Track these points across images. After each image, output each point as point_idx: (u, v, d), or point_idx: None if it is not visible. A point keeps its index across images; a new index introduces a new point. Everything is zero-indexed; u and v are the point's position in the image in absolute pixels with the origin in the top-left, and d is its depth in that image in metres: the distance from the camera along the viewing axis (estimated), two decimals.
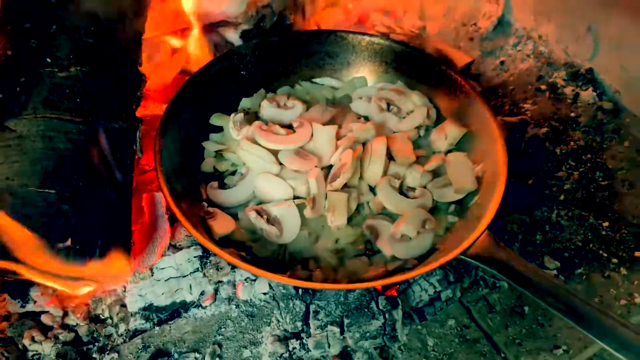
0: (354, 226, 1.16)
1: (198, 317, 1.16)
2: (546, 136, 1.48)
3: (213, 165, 1.27)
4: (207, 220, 1.13)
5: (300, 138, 1.22)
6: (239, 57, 1.37)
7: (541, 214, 1.33)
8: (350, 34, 1.41)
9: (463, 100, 1.30)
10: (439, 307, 1.15)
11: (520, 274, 0.98)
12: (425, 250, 1.11)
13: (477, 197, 1.17)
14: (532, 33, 1.74)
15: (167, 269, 1.16)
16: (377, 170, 1.19)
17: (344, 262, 1.12)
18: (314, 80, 1.45)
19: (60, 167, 0.99)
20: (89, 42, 1.09)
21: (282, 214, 1.13)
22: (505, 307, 1.19)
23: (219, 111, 1.34)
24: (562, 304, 0.95)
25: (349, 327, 1.07)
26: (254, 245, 1.13)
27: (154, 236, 1.16)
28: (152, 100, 1.49)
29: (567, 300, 0.95)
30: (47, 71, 1.04)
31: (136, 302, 1.15)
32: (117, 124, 1.08)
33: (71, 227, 0.97)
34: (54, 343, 1.11)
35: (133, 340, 1.13)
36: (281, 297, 1.14)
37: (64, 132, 1.01)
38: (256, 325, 1.14)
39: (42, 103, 1.01)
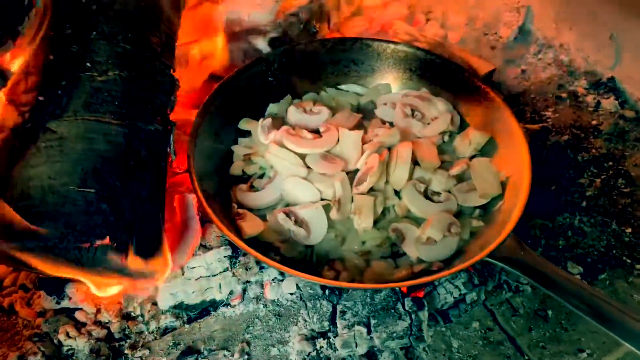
0: (380, 229, 1.19)
1: (227, 316, 1.19)
2: (567, 144, 1.50)
3: (242, 169, 1.30)
4: (237, 221, 1.16)
5: (327, 142, 1.25)
6: (267, 64, 1.40)
7: (563, 220, 1.35)
8: (375, 41, 1.45)
9: (487, 106, 1.32)
10: (464, 309, 1.17)
11: (546, 275, 1.00)
12: (450, 254, 1.13)
13: (502, 202, 1.19)
14: (553, 42, 1.76)
15: (197, 269, 1.19)
16: (402, 175, 1.21)
17: (370, 264, 1.14)
18: (339, 87, 1.48)
19: (100, 168, 1.02)
20: (126, 47, 1.12)
21: (309, 216, 1.16)
22: (528, 311, 1.20)
23: (247, 116, 1.38)
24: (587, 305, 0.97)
25: (376, 327, 1.09)
26: (282, 246, 1.16)
27: (185, 236, 1.20)
28: (181, 105, 1.52)
29: (592, 302, 0.97)
30: (87, 75, 1.08)
31: (167, 300, 1.18)
32: (152, 127, 1.12)
33: (110, 225, 1.00)
34: (88, 339, 1.14)
35: (164, 337, 1.16)
36: (308, 297, 1.17)
37: (103, 134, 1.05)
38: (284, 325, 1.17)
39: (82, 106, 1.05)
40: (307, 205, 1.18)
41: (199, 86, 1.53)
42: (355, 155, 1.24)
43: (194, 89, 1.53)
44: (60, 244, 0.97)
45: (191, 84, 1.53)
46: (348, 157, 1.25)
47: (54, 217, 0.98)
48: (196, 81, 1.53)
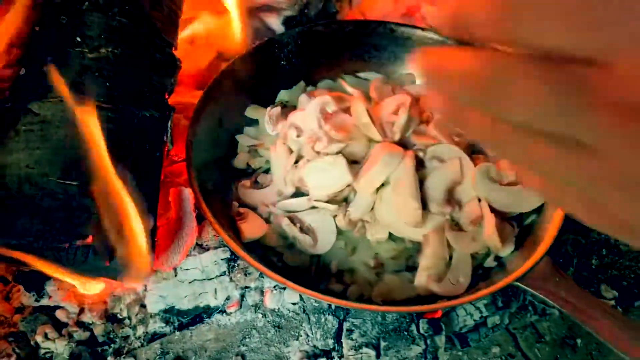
0: (396, 240, 1.06)
1: (222, 324, 1.08)
2: None
3: (246, 162, 1.18)
4: (237, 221, 1.05)
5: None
6: (279, 46, 1.27)
7: (597, 236, 1.22)
8: (400, 26, 1.31)
9: None
10: (484, 333, 1.05)
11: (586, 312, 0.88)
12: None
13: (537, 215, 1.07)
14: None
15: (191, 271, 1.08)
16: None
17: (382, 278, 1.02)
18: (357, 75, 1.34)
19: (85, 158, 0.91)
20: (122, 21, 1.00)
21: (316, 222, 1.04)
22: (555, 338, 1.08)
23: (255, 103, 1.25)
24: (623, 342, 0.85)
25: (386, 351, 0.98)
26: (285, 253, 1.05)
27: (179, 234, 1.09)
28: (184, 86, 1.40)
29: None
30: (77, 51, 0.96)
31: (157, 304, 1.07)
32: (147, 112, 1.00)
33: (93, 223, 0.89)
34: (68, 342, 1.04)
35: (151, 344, 1.05)
36: (312, 310, 1.05)
37: None
38: (283, 338, 1.06)
39: (70, 86, 0.93)
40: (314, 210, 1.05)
41: (205, 66, 1.40)
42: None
43: (199, 69, 1.40)
44: (36, 243, 0.86)
45: (196, 63, 1.41)
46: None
47: (31, 211, 0.87)
48: (202, 61, 1.40)
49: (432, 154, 1.08)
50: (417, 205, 1.00)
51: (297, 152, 1.10)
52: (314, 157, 1.05)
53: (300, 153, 1.08)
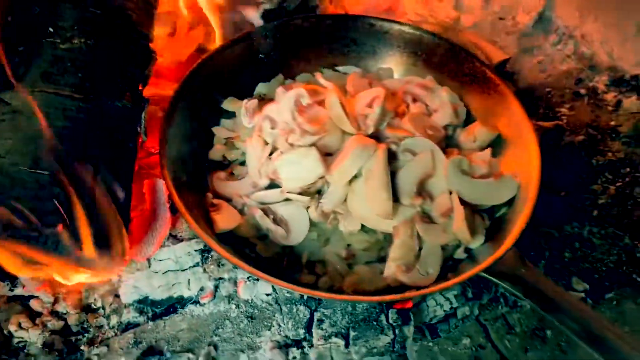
0: (369, 231, 1.07)
1: (195, 315, 1.08)
2: (582, 145, 1.37)
3: (222, 153, 1.18)
4: (211, 212, 1.05)
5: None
6: (257, 39, 1.28)
7: (571, 230, 1.23)
8: (379, 20, 1.31)
9: (497, 100, 1.20)
10: (454, 324, 1.06)
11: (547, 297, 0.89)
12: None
13: (508, 209, 1.08)
14: (575, 32, 1.62)
15: (165, 261, 1.09)
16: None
17: (353, 269, 1.03)
18: (336, 69, 1.35)
19: (55, 147, 0.91)
20: (96, 12, 1.01)
21: (289, 214, 1.05)
22: (525, 329, 1.09)
23: (233, 95, 1.26)
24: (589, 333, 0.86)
25: (355, 341, 0.99)
26: (258, 244, 1.05)
27: (153, 225, 1.09)
28: (164, 79, 1.41)
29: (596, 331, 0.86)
30: (49, 42, 0.97)
31: (131, 294, 1.08)
32: (120, 103, 1.01)
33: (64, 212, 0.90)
34: (42, 331, 1.05)
35: (125, 334, 1.06)
36: (284, 301, 1.06)
37: (62, 109, 0.94)
38: (256, 328, 1.06)
39: (41, 76, 0.94)
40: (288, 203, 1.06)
41: (185, 59, 1.40)
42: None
43: (179, 62, 1.41)
44: (6, 231, 0.86)
45: (176, 56, 1.41)
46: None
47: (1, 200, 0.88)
48: (182, 53, 1.41)
49: (405, 146, 1.09)
50: (388, 197, 1.00)
51: (272, 144, 1.10)
52: (288, 149, 1.06)
53: (275, 145, 1.09)
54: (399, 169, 1.07)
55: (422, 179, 1.07)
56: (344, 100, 1.10)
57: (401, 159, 1.09)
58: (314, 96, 1.12)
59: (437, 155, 1.08)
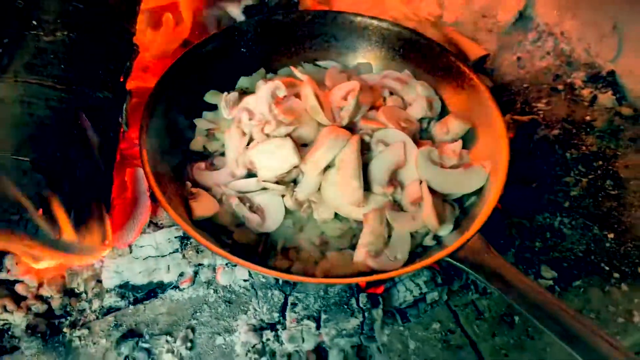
0: (342, 220, 1.11)
1: (174, 299, 1.12)
2: (557, 139, 1.41)
3: (203, 145, 1.22)
4: (189, 200, 1.09)
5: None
6: (239, 34, 1.31)
7: (543, 220, 1.27)
8: (358, 16, 1.35)
9: (470, 94, 1.23)
10: (423, 309, 1.10)
11: (507, 281, 0.93)
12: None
13: (476, 198, 1.11)
14: (554, 29, 1.65)
15: (146, 247, 1.13)
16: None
17: (325, 255, 1.07)
18: (317, 63, 1.39)
19: (38, 135, 0.95)
20: (79, 7, 1.04)
21: (265, 202, 1.09)
22: (494, 315, 1.13)
23: (216, 88, 1.29)
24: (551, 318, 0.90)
25: (326, 323, 1.02)
26: (235, 231, 1.09)
27: (134, 213, 1.13)
28: (151, 73, 1.44)
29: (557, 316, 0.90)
30: (32, 34, 1.00)
31: (112, 279, 1.12)
32: (101, 94, 1.04)
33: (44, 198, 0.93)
34: (26, 314, 1.08)
35: (106, 317, 1.10)
36: (260, 286, 1.10)
37: (45, 98, 0.97)
38: (233, 313, 1.10)
39: (24, 67, 0.98)
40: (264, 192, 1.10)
41: (171, 53, 1.44)
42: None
43: (165, 55, 1.44)
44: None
45: (163, 50, 1.45)
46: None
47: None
48: (168, 48, 1.44)
49: (378, 138, 1.13)
50: (359, 186, 1.04)
51: (250, 134, 1.14)
52: (264, 140, 1.09)
53: (252, 135, 1.13)
54: (371, 159, 1.11)
55: (394, 168, 1.10)
56: (319, 92, 1.13)
57: (374, 149, 1.12)
58: (290, 89, 1.16)
59: (408, 146, 1.11)
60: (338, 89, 1.17)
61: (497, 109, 1.16)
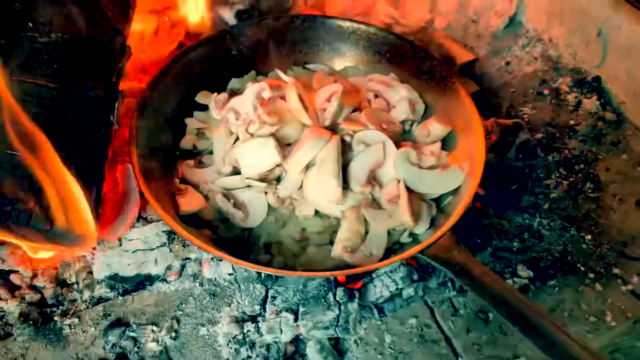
0: (323, 217, 1.15)
1: (162, 291, 1.17)
2: (540, 142, 1.44)
3: (193, 143, 1.27)
4: (176, 196, 1.14)
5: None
6: (231, 37, 1.36)
7: (522, 221, 1.30)
8: (346, 21, 1.39)
9: (452, 97, 1.27)
10: (399, 304, 1.14)
11: (475, 278, 0.96)
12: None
13: (452, 197, 1.15)
14: (543, 35, 1.68)
15: (135, 241, 1.18)
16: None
17: (305, 250, 1.11)
18: (307, 66, 1.43)
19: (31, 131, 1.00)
20: (73, 10, 1.09)
21: (249, 199, 1.13)
22: (469, 312, 1.16)
23: (208, 89, 1.34)
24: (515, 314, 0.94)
25: (303, 316, 1.07)
26: (220, 226, 1.14)
27: (124, 207, 1.18)
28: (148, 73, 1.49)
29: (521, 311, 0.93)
30: (28, 35, 1.06)
31: (102, 271, 1.17)
32: (93, 93, 1.09)
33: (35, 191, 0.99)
34: (20, 302, 1.14)
35: (96, 307, 1.15)
36: (242, 280, 1.14)
37: (38, 97, 1.02)
38: (217, 305, 1.15)
39: (19, 66, 1.03)
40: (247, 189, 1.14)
41: (167, 54, 1.49)
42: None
43: (162, 57, 1.49)
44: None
45: (159, 52, 1.50)
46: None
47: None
48: (164, 49, 1.50)
49: (359, 138, 1.17)
50: (338, 184, 1.08)
51: (236, 134, 1.18)
52: (248, 139, 1.14)
53: (237, 134, 1.17)
54: (352, 159, 1.15)
55: (373, 168, 1.14)
56: (303, 94, 1.18)
57: (355, 149, 1.16)
58: (276, 90, 1.20)
59: (388, 147, 1.15)
60: (322, 92, 1.21)
61: (476, 113, 1.20)
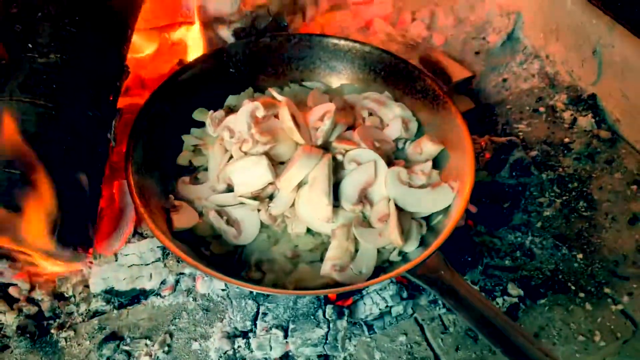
0: (314, 234, 1.17)
1: (156, 306, 1.19)
2: (534, 160, 1.45)
3: (189, 159, 1.29)
4: (170, 212, 1.16)
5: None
6: (228, 55, 1.38)
7: (514, 239, 1.31)
8: (341, 40, 1.41)
9: (444, 116, 1.28)
10: (388, 322, 1.15)
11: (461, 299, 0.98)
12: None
13: (442, 216, 1.16)
14: (540, 52, 1.70)
15: (130, 256, 1.20)
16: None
17: (297, 267, 1.13)
18: (303, 84, 1.46)
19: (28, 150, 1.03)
20: (71, 30, 1.12)
21: (241, 216, 1.15)
22: (459, 330, 1.17)
23: (206, 106, 1.36)
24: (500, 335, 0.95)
25: (293, 332, 1.08)
26: (213, 242, 1.16)
27: (120, 223, 1.20)
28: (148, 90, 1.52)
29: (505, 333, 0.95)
30: (28, 56, 1.09)
31: (98, 285, 1.19)
32: (91, 112, 1.12)
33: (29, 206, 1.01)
34: (17, 315, 1.16)
35: (91, 320, 1.17)
36: (235, 296, 1.16)
37: (36, 116, 1.05)
38: (209, 320, 1.17)
39: (19, 87, 1.06)
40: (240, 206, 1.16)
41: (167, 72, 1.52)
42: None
43: (161, 75, 1.52)
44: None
45: (159, 70, 1.53)
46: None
47: None
48: (164, 67, 1.52)
49: (350, 157, 1.18)
50: (328, 202, 1.10)
51: (231, 151, 1.21)
52: (241, 157, 1.16)
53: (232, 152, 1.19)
54: (344, 177, 1.17)
55: (364, 187, 1.16)
56: (296, 113, 1.20)
57: (347, 168, 1.18)
58: (270, 109, 1.22)
59: (379, 165, 1.17)
60: (316, 110, 1.23)
61: (467, 132, 1.21)
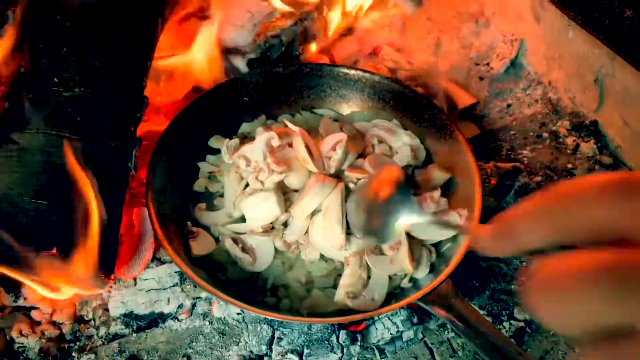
0: (328, 260, 1.21)
1: (173, 329, 1.23)
2: (538, 185, 1.49)
3: (205, 186, 1.34)
4: (189, 238, 1.20)
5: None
6: (242, 84, 1.44)
7: (520, 263, 1.35)
8: (352, 69, 1.46)
9: (451, 144, 1.33)
10: (399, 346, 1.19)
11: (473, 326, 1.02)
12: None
13: (452, 244, 1.21)
14: (543, 78, 1.75)
15: (149, 281, 1.24)
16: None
17: (311, 293, 1.17)
18: (314, 111, 1.50)
19: (54, 181, 1.08)
20: (95, 65, 1.17)
21: (257, 244, 1.19)
22: (467, 353, 1.21)
23: (220, 134, 1.41)
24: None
25: (307, 357, 1.12)
26: (229, 268, 1.20)
27: (139, 249, 1.25)
28: (163, 116, 1.57)
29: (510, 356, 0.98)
30: (54, 90, 1.13)
31: (118, 308, 1.23)
32: (113, 143, 1.17)
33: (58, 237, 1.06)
34: (40, 338, 1.20)
35: (111, 343, 1.21)
36: (250, 320, 1.20)
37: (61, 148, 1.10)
38: (225, 343, 1.20)
39: (44, 120, 1.11)
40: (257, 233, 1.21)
41: (181, 98, 1.57)
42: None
43: (176, 101, 1.57)
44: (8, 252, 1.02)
45: (173, 96, 1.57)
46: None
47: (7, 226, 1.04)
48: (178, 93, 1.57)
49: None
50: (342, 231, 1.14)
51: (247, 179, 1.25)
52: (258, 185, 1.21)
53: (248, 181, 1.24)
54: None
55: None
56: (310, 142, 1.25)
57: None
58: (284, 138, 1.27)
59: None
60: (328, 140, 1.28)
61: (474, 159, 1.26)
